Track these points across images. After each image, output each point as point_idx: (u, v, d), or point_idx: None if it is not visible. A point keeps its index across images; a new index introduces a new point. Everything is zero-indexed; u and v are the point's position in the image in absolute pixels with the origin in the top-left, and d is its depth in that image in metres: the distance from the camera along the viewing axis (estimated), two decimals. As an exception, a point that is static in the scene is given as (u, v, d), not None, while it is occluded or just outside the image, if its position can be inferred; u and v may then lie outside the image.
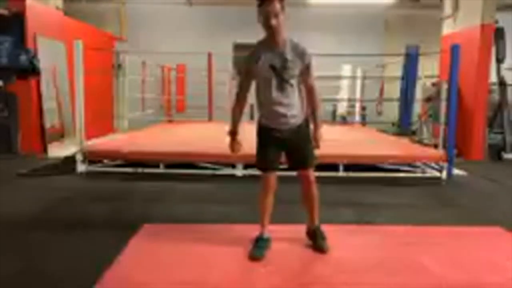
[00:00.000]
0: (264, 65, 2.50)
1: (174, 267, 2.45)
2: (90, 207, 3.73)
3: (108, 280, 2.26)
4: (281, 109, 2.55)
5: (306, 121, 2.68)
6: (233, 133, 2.66)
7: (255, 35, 2.68)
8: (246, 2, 10.25)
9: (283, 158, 2.74)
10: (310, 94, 2.61)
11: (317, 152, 2.71)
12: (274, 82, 2.51)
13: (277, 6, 2.39)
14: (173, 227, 3.12)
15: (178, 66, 9.88)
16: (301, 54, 2.50)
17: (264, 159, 2.67)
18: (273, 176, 2.67)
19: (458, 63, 5.10)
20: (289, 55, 2.49)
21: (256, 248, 2.61)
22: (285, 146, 2.65)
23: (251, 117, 9.32)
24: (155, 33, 10.44)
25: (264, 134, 2.66)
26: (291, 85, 2.53)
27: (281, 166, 2.80)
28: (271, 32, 2.46)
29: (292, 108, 2.57)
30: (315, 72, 2.62)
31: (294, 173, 2.73)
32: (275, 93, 2.53)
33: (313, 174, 2.68)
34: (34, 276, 2.36)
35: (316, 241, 2.69)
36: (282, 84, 2.51)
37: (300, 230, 2.92)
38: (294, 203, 3.23)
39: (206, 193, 4.26)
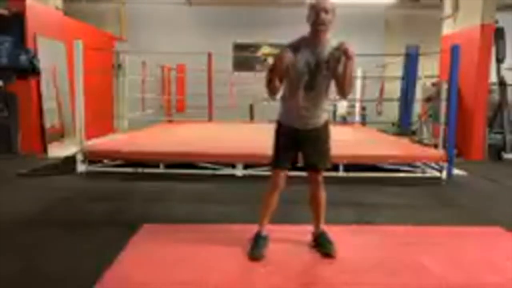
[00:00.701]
0: (300, 61, 2.45)
1: (174, 267, 2.45)
2: (90, 207, 3.73)
3: (108, 280, 2.26)
4: (305, 110, 2.54)
5: (326, 123, 2.67)
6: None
7: (255, 35, 2.69)
8: (246, 2, 10.32)
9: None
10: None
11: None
12: (304, 81, 2.47)
13: (329, 4, 2.40)
14: (173, 227, 3.12)
15: (178, 66, 9.88)
16: (335, 50, 2.45)
17: (277, 157, 2.66)
18: (283, 176, 2.66)
19: (458, 63, 5.09)
20: (326, 56, 2.46)
21: (255, 247, 2.61)
22: (301, 146, 2.64)
23: (251, 117, 9.36)
24: (155, 33, 10.44)
25: (282, 133, 2.65)
26: (321, 86, 2.50)
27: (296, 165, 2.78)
28: (317, 30, 2.42)
29: (316, 109, 2.56)
30: None
31: (295, 173, 2.73)
32: (303, 93, 2.50)
33: (321, 175, 2.67)
34: (34, 276, 2.36)
35: (323, 246, 2.67)
36: (313, 84, 2.48)
37: (300, 230, 2.93)
38: (294, 203, 3.23)
39: (206, 193, 4.25)
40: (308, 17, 2.45)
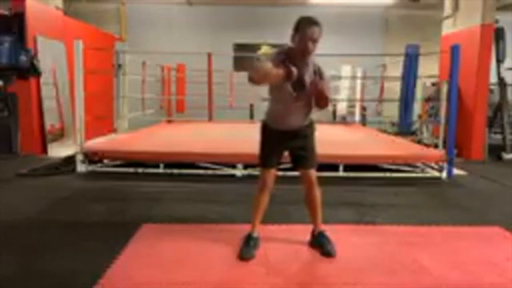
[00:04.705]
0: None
1: (174, 267, 2.45)
2: (90, 207, 3.73)
3: (108, 280, 2.26)
4: (292, 115, 2.58)
5: (311, 122, 2.69)
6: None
7: (255, 35, 2.69)
8: (246, 2, 10.31)
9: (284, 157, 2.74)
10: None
11: (317, 152, 2.72)
12: (293, 93, 2.49)
13: (317, 31, 2.39)
14: (173, 227, 3.12)
15: (178, 66, 9.87)
16: (317, 71, 2.50)
17: (265, 156, 2.69)
18: (272, 174, 2.69)
19: (458, 63, 5.09)
20: (310, 74, 2.48)
21: (246, 247, 2.62)
22: (288, 145, 2.68)
23: (251, 117, 9.34)
24: (155, 33, 10.44)
25: (269, 133, 2.67)
26: (309, 96, 2.53)
27: (282, 166, 2.81)
28: (304, 55, 2.44)
29: (304, 113, 2.60)
30: None
31: (293, 174, 2.73)
32: (291, 102, 2.52)
33: (314, 175, 2.69)
34: (34, 276, 2.36)
35: (323, 246, 2.68)
36: (302, 95, 2.51)
37: (299, 230, 2.93)
38: (293, 203, 3.24)
39: (206, 193, 4.26)
40: (293, 38, 2.45)
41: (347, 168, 4.93)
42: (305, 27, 2.39)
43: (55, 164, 5.29)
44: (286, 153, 2.74)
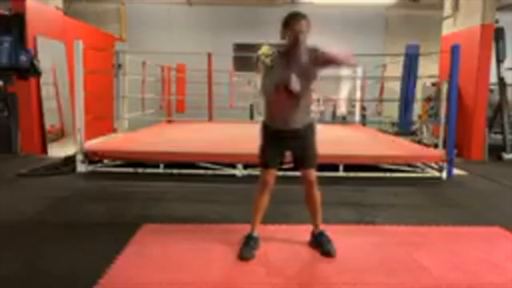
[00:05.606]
0: (282, 70, 2.49)
1: (174, 267, 2.45)
2: (90, 207, 3.73)
3: (108, 280, 2.26)
4: (290, 114, 2.57)
5: (311, 124, 2.70)
6: None
7: (255, 35, 2.69)
8: (246, 2, 10.31)
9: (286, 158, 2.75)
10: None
11: (318, 152, 2.72)
12: (286, 88, 2.49)
13: (304, 24, 2.46)
14: (173, 227, 3.13)
15: (178, 66, 9.87)
16: (312, 55, 2.51)
17: (265, 156, 2.69)
18: (272, 174, 2.69)
19: (458, 63, 5.09)
20: (304, 63, 2.50)
21: (246, 247, 2.62)
22: (288, 145, 2.68)
23: (251, 117, 9.34)
24: (155, 33, 10.43)
25: (268, 132, 2.68)
26: (302, 91, 2.52)
27: (283, 166, 2.81)
28: (294, 48, 2.49)
29: (299, 111, 2.59)
30: None
31: (293, 174, 2.73)
32: (287, 100, 2.52)
33: (314, 175, 2.68)
34: (34, 276, 2.36)
35: (323, 246, 2.68)
36: (290, 94, 2.51)
37: (300, 230, 2.93)
38: (293, 203, 3.23)
39: (206, 193, 4.26)
40: (282, 34, 2.52)
41: (347, 168, 4.93)
42: (293, 22, 2.47)
43: (55, 164, 5.30)
44: (288, 153, 2.74)
